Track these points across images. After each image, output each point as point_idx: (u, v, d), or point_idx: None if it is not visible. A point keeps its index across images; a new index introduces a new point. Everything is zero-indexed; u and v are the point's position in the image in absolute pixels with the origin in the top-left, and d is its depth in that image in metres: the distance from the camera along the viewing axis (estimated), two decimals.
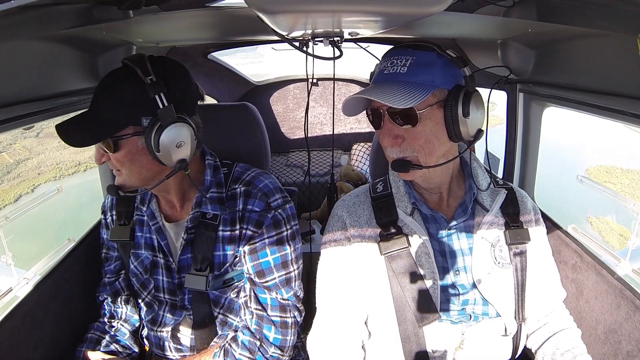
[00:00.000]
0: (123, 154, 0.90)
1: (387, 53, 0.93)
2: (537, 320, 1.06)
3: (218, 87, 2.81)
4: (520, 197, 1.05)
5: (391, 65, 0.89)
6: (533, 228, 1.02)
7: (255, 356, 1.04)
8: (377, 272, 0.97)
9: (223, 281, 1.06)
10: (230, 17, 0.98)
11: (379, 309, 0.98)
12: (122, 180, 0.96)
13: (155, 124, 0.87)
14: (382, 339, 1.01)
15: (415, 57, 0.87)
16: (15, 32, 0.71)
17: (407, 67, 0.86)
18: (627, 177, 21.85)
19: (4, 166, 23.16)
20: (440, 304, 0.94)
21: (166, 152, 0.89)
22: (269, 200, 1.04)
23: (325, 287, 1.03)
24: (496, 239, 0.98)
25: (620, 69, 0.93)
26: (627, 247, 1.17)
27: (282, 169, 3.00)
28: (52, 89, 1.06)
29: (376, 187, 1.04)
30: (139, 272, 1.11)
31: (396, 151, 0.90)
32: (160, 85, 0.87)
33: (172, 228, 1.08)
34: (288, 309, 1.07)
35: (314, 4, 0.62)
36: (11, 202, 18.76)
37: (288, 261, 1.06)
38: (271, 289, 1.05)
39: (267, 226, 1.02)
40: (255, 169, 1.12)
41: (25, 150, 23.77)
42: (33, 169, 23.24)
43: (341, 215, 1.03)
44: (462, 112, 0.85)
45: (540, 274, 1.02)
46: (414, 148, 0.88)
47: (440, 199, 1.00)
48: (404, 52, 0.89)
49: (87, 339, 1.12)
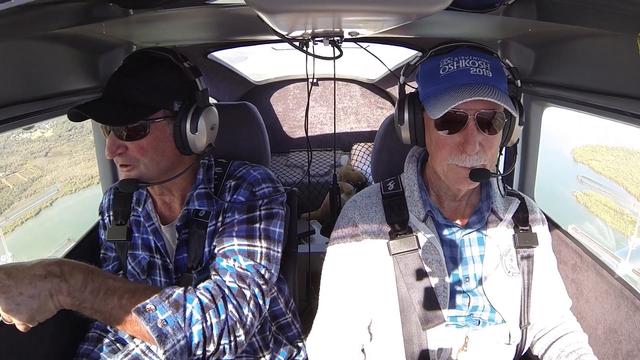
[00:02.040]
0: (150, 139, 0.90)
1: (455, 50, 0.87)
2: (542, 328, 1.06)
3: (218, 87, 2.81)
4: (530, 206, 1.05)
5: (474, 66, 0.84)
6: (541, 233, 1.02)
7: (217, 302, 0.87)
8: (385, 272, 0.96)
9: (206, 277, 0.99)
10: (230, 16, 0.98)
11: (383, 309, 0.98)
12: (137, 172, 0.93)
13: (190, 107, 0.91)
14: (384, 340, 1.00)
15: (490, 62, 0.85)
16: (15, 32, 0.71)
17: (490, 71, 0.84)
18: (612, 154, 22.40)
19: (19, 184, 24.05)
20: (448, 309, 0.94)
21: (201, 134, 0.92)
22: (254, 189, 1.02)
23: (330, 288, 1.02)
24: (507, 248, 0.98)
25: (620, 69, 0.93)
26: (627, 247, 1.17)
27: (282, 169, 3.00)
28: (52, 89, 1.06)
29: (387, 186, 1.04)
30: (136, 273, 1.10)
31: (475, 159, 0.85)
32: (197, 69, 0.92)
33: (168, 229, 1.08)
34: (247, 280, 0.93)
35: (314, 3, 0.62)
36: (32, 217, 19.19)
37: (254, 236, 0.98)
38: (228, 256, 0.95)
39: (240, 208, 1.00)
40: (249, 164, 1.12)
41: (37, 169, 24.55)
42: (48, 185, 24.22)
43: (352, 217, 1.01)
44: (518, 121, 0.89)
45: (546, 280, 1.03)
46: (487, 157, 0.86)
47: (458, 207, 0.99)
48: (475, 54, 0.86)
49: (89, 338, 1.12)
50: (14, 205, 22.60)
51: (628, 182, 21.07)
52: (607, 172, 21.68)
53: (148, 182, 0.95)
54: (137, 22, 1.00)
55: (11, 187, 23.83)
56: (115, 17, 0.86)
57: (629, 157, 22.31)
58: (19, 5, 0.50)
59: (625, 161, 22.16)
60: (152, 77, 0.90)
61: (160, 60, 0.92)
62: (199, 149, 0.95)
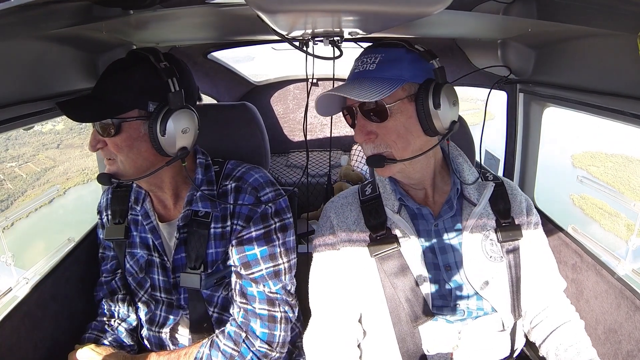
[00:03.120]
0: (123, 138, 0.91)
1: (359, 54, 0.95)
2: (537, 314, 1.05)
3: (218, 87, 2.81)
4: (510, 190, 1.04)
5: (361, 64, 0.91)
6: (525, 221, 1.01)
7: (240, 348, 1.01)
8: (369, 274, 0.97)
9: (215, 279, 1.05)
10: (229, 16, 0.98)
11: (373, 310, 0.98)
12: (115, 168, 0.95)
13: (163, 108, 0.90)
14: (378, 340, 1.00)
15: (384, 54, 0.89)
16: (15, 32, 0.71)
17: (376, 64, 0.88)
18: (610, 161, 22.87)
19: (32, 174, 25.73)
20: (433, 301, 0.94)
21: (171, 137, 0.91)
22: (259, 195, 1.03)
23: (318, 289, 1.04)
24: (486, 233, 0.98)
25: (620, 69, 0.93)
26: (627, 247, 1.17)
27: (282, 169, 3.00)
28: (52, 89, 1.06)
29: (365, 190, 1.05)
30: (134, 272, 1.11)
31: (370, 147, 0.91)
32: (173, 70, 0.91)
33: (166, 228, 1.08)
34: (277, 302, 1.04)
35: (314, 3, 0.62)
36: (45, 204, 20.52)
37: (276, 254, 1.04)
38: (258, 282, 1.02)
39: (254, 219, 1.02)
40: (247, 164, 1.12)
41: (49, 160, 26.20)
42: (60, 175, 25.66)
43: (329, 216, 1.04)
44: (432, 104, 0.86)
45: (536, 267, 1.02)
46: (387, 143, 0.89)
47: (425, 195, 1.00)
48: (373, 51, 0.91)
49: (85, 339, 1.11)
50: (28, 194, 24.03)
51: (625, 187, 21.33)
52: (605, 178, 21.94)
53: (120, 179, 0.96)
54: (136, 22, 0.99)
55: (24, 176, 25.60)
56: (114, 17, 0.86)
57: (627, 164, 22.61)
58: (19, 5, 0.50)
59: (624, 168, 22.47)
60: (127, 77, 0.90)
61: (139, 60, 0.92)
62: (172, 151, 0.93)
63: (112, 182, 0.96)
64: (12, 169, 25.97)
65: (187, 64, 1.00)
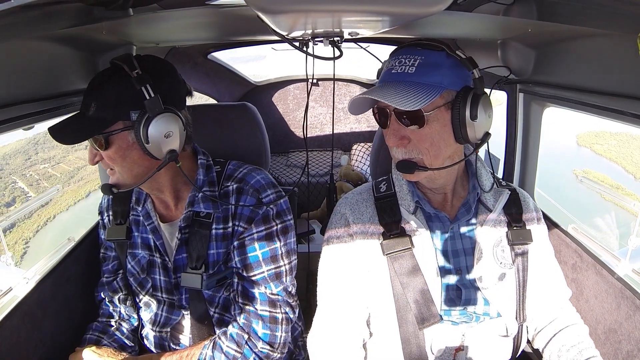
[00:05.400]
0: (114, 150, 0.92)
1: (395, 51, 0.91)
2: (542, 320, 1.05)
3: (218, 87, 2.81)
4: (523, 198, 1.05)
5: (399, 65, 0.87)
6: (535, 228, 1.02)
7: (242, 349, 1.02)
8: (379, 271, 0.96)
9: (216, 280, 1.05)
10: (230, 16, 0.98)
11: (380, 309, 0.98)
12: (115, 179, 0.97)
13: (144, 116, 0.89)
14: (382, 340, 1.00)
15: (424, 57, 0.85)
16: (15, 32, 0.71)
17: (416, 67, 0.85)
18: (615, 139, 23.24)
19: (66, 173, 28.23)
20: (442, 304, 0.94)
21: (155, 143, 0.90)
22: (261, 196, 1.04)
23: (327, 284, 1.03)
24: (499, 239, 0.98)
25: (620, 69, 0.93)
26: (627, 247, 1.17)
27: (282, 169, 3.00)
28: (52, 89, 1.06)
29: (379, 187, 1.04)
30: (136, 272, 1.11)
31: (402, 152, 0.90)
32: (146, 77, 0.89)
33: (167, 228, 1.09)
34: (278, 304, 1.05)
35: (314, 3, 0.62)
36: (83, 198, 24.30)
37: (277, 255, 1.04)
38: (259, 283, 1.03)
39: (256, 221, 1.02)
40: (248, 165, 1.12)
41: (80, 160, 28.03)
42: (93, 172, 27.52)
43: (344, 212, 1.02)
44: (469, 115, 0.84)
45: (542, 274, 1.02)
46: (420, 150, 0.88)
47: (444, 200, 0.99)
48: (412, 52, 0.87)
49: (86, 340, 1.11)
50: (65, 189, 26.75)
51: (627, 162, 21.68)
52: (608, 154, 22.24)
53: (121, 188, 0.97)
54: (137, 23, 1.00)
55: (59, 175, 28.23)
56: (115, 17, 0.86)
57: (630, 141, 23.01)
58: (19, 6, 0.50)
59: (627, 144, 22.88)
60: (104, 91, 0.90)
61: (116, 71, 0.91)
62: (161, 156, 0.93)
63: (113, 192, 0.97)
64: (45, 170, 28.04)
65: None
